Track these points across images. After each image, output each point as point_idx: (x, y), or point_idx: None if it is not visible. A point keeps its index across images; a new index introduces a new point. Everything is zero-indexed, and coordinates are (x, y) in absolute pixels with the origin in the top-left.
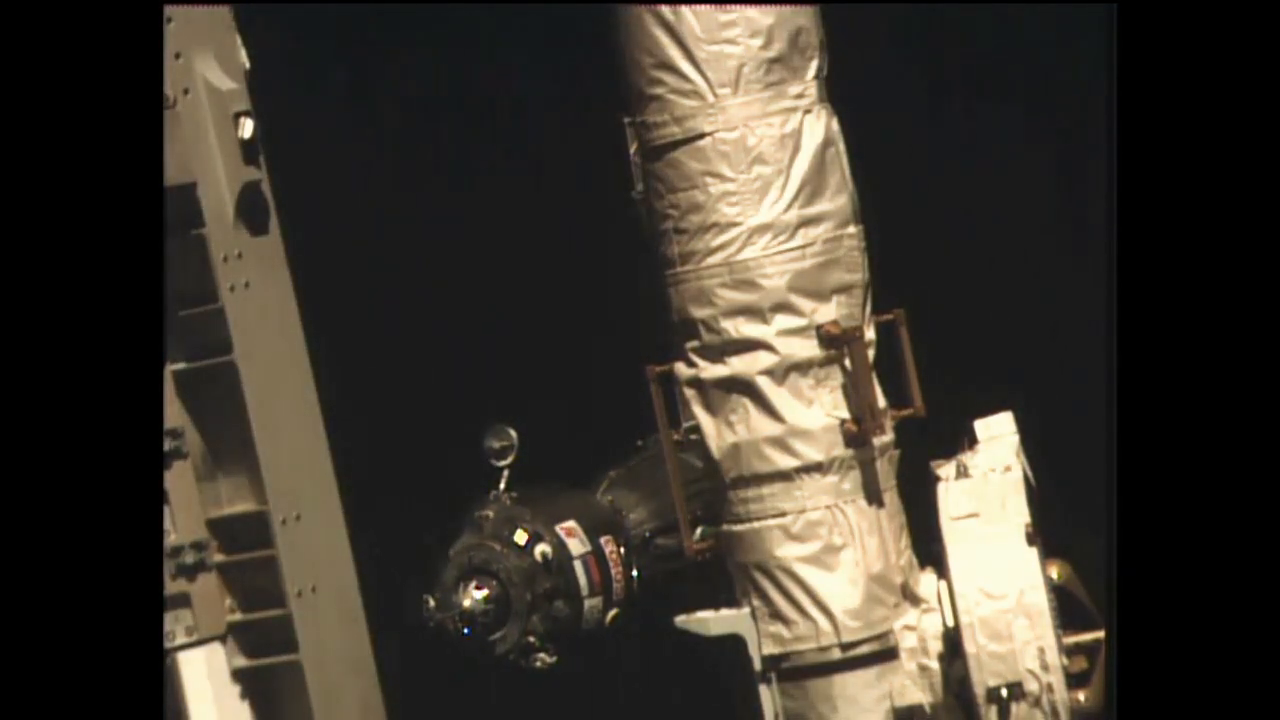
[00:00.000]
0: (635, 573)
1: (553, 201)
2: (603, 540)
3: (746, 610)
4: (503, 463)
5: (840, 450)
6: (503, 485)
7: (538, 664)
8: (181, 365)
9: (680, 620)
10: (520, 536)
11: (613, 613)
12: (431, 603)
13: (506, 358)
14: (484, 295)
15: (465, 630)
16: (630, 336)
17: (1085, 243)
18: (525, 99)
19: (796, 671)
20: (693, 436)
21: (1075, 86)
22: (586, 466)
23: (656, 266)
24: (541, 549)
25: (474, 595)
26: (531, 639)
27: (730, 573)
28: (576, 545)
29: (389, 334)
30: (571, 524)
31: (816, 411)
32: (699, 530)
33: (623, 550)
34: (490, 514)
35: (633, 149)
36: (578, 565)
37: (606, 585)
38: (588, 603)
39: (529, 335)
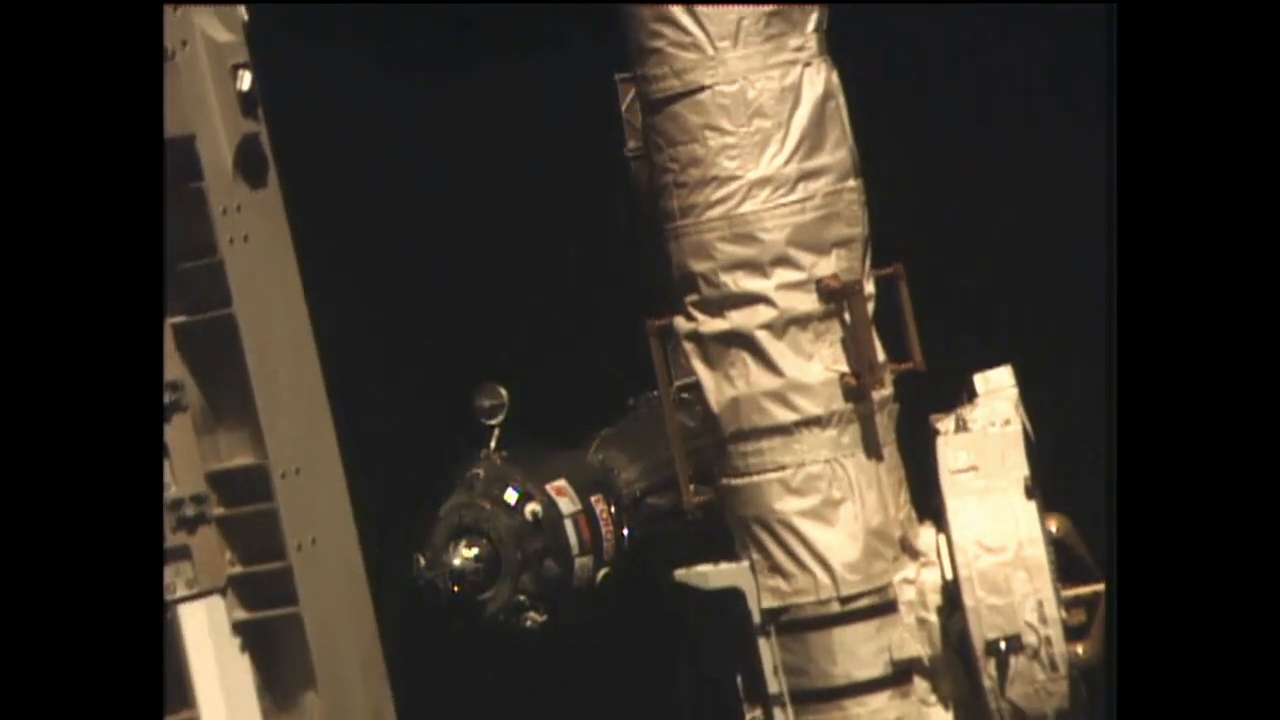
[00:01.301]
0: (626, 531)
1: (546, 165)
2: (593, 499)
3: (745, 564)
4: (493, 421)
5: (839, 404)
6: (493, 444)
7: (528, 623)
8: (181, 318)
9: (680, 574)
10: (510, 495)
11: (603, 571)
12: (422, 561)
13: (500, 315)
14: (481, 253)
15: (455, 589)
16: (621, 296)
17: (1086, 197)
18: (521, 55)
19: (795, 625)
20: (684, 395)
21: (1076, 39)
22: (577, 425)
23: (656, 220)
24: (532, 508)
25: (464, 554)
26: (522, 598)
27: (726, 528)
28: (567, 504)
29: (387, 291)
30: (562, 483)
31: (816, 365)
32: (691, 489)
33: (613, 509)
34: (480, 473)
35: (624, 106)
36: (568, 524)
37: (597, 544)
38: (578, 561)
39: (524, 294)
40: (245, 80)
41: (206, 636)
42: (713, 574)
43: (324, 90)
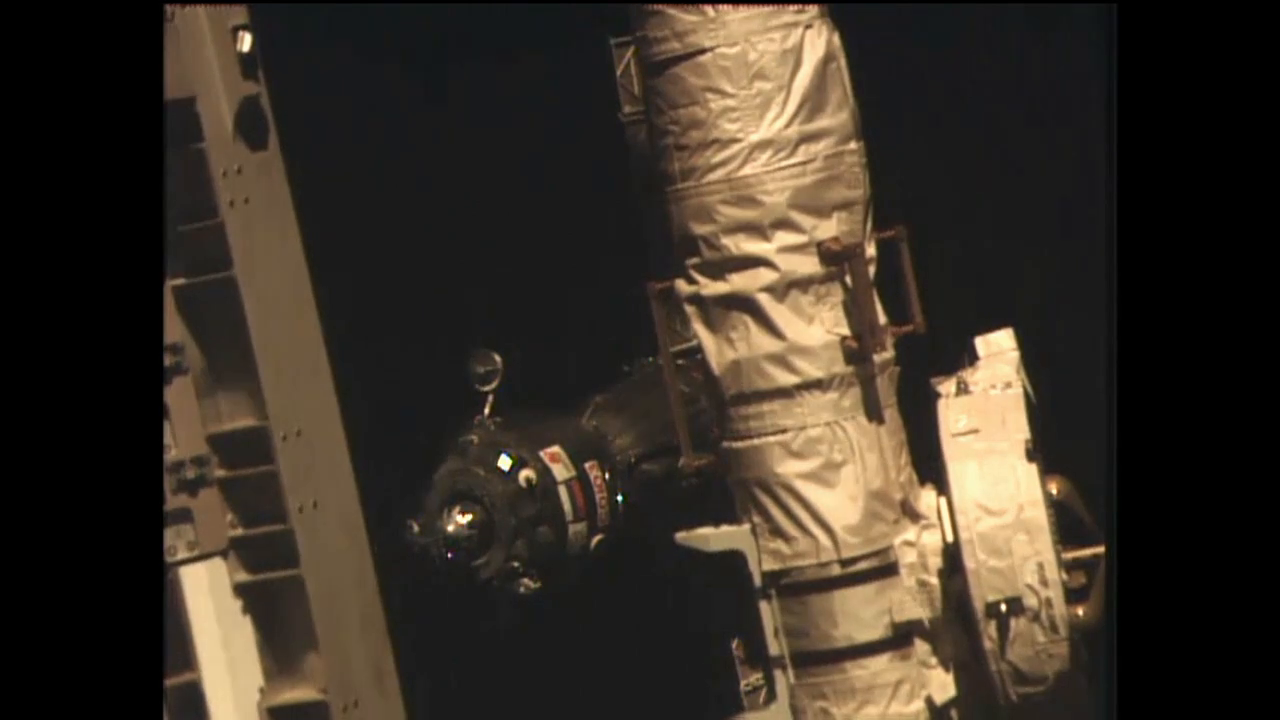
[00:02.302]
0: (620, 498)
1: (544, 129)
2: (587, 465)
3: (747, 527)
4: (487, 387)
5: (841, 367)
6: (487, 410)
7: (522, 589)
8: (181, 281)
9: (681, 537)
10: (504, 462)
11: (597, 537)
12: (416, 527)
13: (495, 280)
14: (479, 218)
15: (449, 555)
16: (616, 263)
17: (1087, 159)
18: (518, 20)
19: (796, 587)
20: (680, 362)
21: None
22: (571, 392)
23: (656, 184)
24: (526, 474)
25: (458, 520)
26: (515, 564)
27: (720, 493)
28: (561, 470)
29: (386, 254)
30: (556, 449)
31: (817, 328)
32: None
33: (607, 475)
34: (474, 439)
35: (620, 70)
36: (562, 490)
37: (591, 510)
38: (572, 528)
39: (519, 258)
40: (245, 42)
41: (208, 598)
42: (714, 537)
43: (324, 53)
